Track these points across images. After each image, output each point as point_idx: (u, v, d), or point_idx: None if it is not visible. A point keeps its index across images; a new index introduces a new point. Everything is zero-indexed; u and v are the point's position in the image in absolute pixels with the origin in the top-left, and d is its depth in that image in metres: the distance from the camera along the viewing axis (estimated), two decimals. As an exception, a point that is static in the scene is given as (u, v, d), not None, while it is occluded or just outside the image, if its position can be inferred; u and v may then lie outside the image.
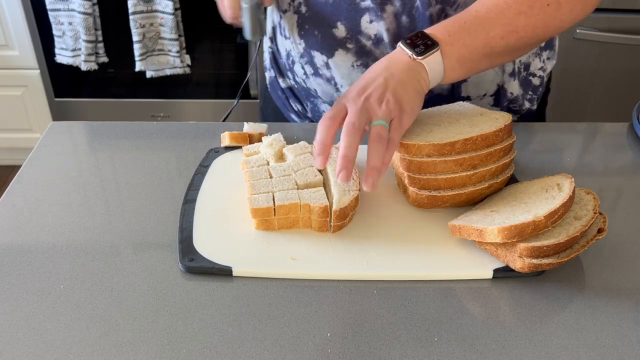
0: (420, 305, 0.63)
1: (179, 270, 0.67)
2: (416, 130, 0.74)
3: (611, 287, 0.66)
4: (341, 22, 0.86)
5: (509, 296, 0.65)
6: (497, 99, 0.95)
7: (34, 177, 0.82)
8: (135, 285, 0.65)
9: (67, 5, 2.00)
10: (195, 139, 0.90)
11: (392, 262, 0.67)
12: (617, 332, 0.61)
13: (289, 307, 0.63)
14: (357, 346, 0.59)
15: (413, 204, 0.74)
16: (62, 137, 0.91)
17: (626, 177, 0.85)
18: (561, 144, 0.91)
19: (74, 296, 0.64)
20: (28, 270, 0.67)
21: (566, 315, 0.63)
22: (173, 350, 0.58)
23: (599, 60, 1.98)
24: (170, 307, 0.63)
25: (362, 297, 0.64)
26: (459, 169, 0.71)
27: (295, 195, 0.71)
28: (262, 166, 0.77)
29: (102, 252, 0.69)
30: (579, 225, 0.65)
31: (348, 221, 0.72)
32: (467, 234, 0.67)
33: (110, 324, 0.61)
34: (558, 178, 0.71)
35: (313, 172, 0.74)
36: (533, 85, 0.96)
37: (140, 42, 2.03)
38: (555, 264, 0.63)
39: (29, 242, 0.71)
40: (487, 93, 0.94)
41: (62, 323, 0.61)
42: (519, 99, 0.95)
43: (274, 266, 0.67)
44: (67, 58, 2.11)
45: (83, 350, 0.58)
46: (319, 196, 0.71)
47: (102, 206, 0.77)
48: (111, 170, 0.84)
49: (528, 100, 0.97)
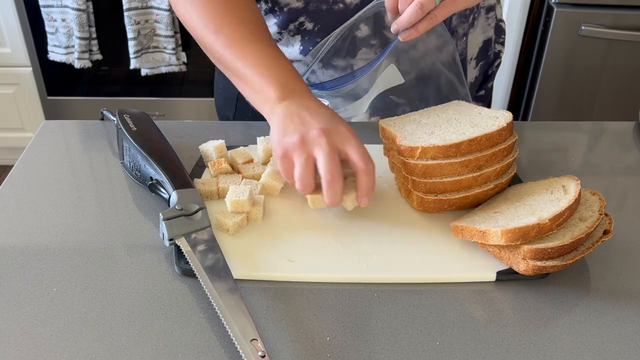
0: (421, 308, 0.62)
1: (175, 272, 0.66)
2: (417, 132, 0.73)
3: (617, 290, 0.65)
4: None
5: (512, 299, 0.64)
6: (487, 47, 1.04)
7: (26, 178, 0.80)
8: (130, 288, 0.64)
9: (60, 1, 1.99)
10: (191, 139, 0.89)
11: (392, 264, 0.66)
12: (623, 336, 0.60)
13: (287, 311, 0.62)
14: (357, 350, 0.58)
15: (418, 209, 0.73)
16: (55, 137, 0.90)
17: (633, 178, 0.84)
18: (566, 143, 0.90)
19: (67, 299, 0.62)
20: (20, 272, 0.66)
21: (571, 318, 0.62)
22: (168, 354, 0.57)
23: (605, 58, 1.98)
24: (165, 310, 0.62)
25: (362, 300, 0.63)
26: (465, 171, 0.70)
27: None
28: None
29: (96, 254, 0.68)
30: (584, 227, 0.64)
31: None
32: (469, 235, 0.66)
33: (105, 328, 0.59)
34: (564, 179, 0.70)
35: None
36: (503, 30, 1.07)
37: (135, 39, 2.02)
38: (559, 266, 0.62)
39: (21, 243, 0.70)
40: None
41: (55, 327, 0.60)
42: (492, 44, 1.05)
43: (272, 269, 0.66)
44: (60, 55, 2.09)
45: (76, 354, 0.57)
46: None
47: (96, 207, 0.76)
48: (105, 170, 0.83)
49: (500, 44, 1.07)
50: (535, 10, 2.05)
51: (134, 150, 0.76)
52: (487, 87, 1.10)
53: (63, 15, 2.01)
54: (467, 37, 0.98)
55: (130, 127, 0.79)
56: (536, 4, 2.04)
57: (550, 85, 2.05)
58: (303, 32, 0.92)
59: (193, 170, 0.80)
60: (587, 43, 1.94)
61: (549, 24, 1.96)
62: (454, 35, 0.96)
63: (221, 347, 0.58)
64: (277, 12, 0.91)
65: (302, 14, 0.90)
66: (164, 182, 0.72)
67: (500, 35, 1.06)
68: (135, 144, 0.76)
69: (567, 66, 2.02)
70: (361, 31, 0.90)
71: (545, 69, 2.02)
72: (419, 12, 0.72)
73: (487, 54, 1.05)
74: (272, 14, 0.93)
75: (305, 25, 0.91)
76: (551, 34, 1.95)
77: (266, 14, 0.93)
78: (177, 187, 0.71)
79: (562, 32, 1.95)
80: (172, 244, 0.67)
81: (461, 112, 0.77)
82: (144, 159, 0.75)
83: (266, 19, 0.94)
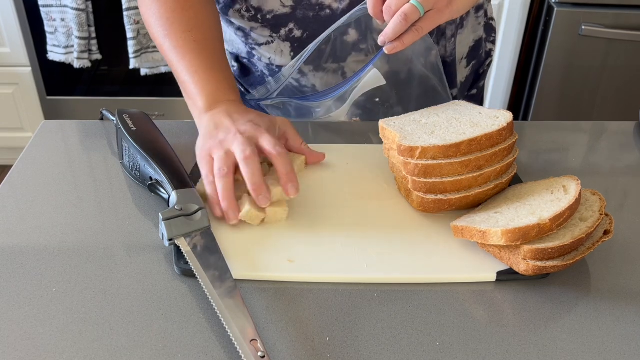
0: (421, 308, 0.62)
1: (175, 273, 0.66)
2: (417, 132, 0.73)
3: (618, 290, 0.65)
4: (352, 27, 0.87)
5: (512, 299, 0.64)
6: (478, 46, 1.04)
7: (25, 178, 0.80)
8: (130, 288, 0.64)
9: (60, 1, 1.98)
10: (191, 139, 0.88)
11: (392, 265, 0.66)
12: (624, 336, 0.60)
13: (287, 311, 0.62)
14: (357, 351, 0.58)
15: (418, 209, 0.73)
16: (54, 136, 0.90)
17: (633, 178, 0.84)
18: (566, 143, 0.90)
19: (67, 299, 0.62)
20: (19, 272, 0.65)
21: (571, 319, 0.62)
22: (168, 354, 0.57)
23: (605, 58, 1.98)
24: (165, 310, 0.61)
25: (362, 300, 0.63)
26: (465, 171, 0.70)
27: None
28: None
29: (96, 254, 0.68)
30: (584, 227, 0.64)
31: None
32: (469, 235, 0.66)
33: (104, 328, 0.59)
34: (564, 179, 0.70)
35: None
36: (493, 28, 1.07)
37: (135, 39, 2.01)
38: (560, 266, 0.62)
39: (20, 243, 0.69)
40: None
41: (55, 327, 0.59)
42: (483, 43, 1.06)
43: (272, 269, 0.66)
44: (59, 55, 2.09)
45: (76, 354, 0.57)
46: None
47: (96, 207, 0.76)
48: (104, 171, 0.82)
49: (491, 42, 1.07)
50: (536, 10, 2.05)
51: (134, 150, 0.76)
52: (479, 87, 1.10)
53: (62, 15, 2.00)
54: (455, 38, 0.98)
55: (129, 127, 0.79)
56: (536, 3, 2.04)
57: (551, 85, 2.05)
58: (292, 39, 0.92)
59: (192, 170, 0.80)
60: (587, 43, 1.94)
61: (549, 24, 1.96)
62: (443, 36, 0.96)
63: (221, 347, 0.58)
64: (260, 20, 0.91)
65: (291, 20, 0.90)
66: (163, 182, 0.72)
67: (491, 34, 1.06)
68: (135, 144, 0.76)
69: (567, 66, 2.01)
70: (350, 36, 0.90)
71: (546, 69, 2.02)
72: (403, 23, 0.72)
73: (479, 53, 1.05)
74: (255, 22, 0.93)
75: (294, 33, 0.91)
76: (551, 33, 1.95)
77: (250, 20, 0.93)
78: (176, 187, 0.71)
79: (562, 32, 1.95)
80: (171, 244, 0.67)
81: (461, 112, 0.77)
82: (144, 159, 0.75)
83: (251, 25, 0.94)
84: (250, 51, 0.98)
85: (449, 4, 0.73)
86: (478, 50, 1.04)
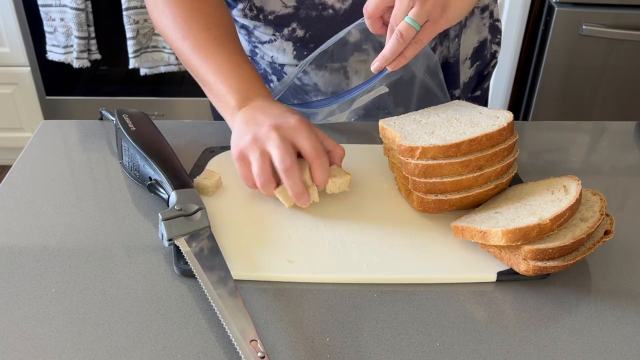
0: (421, 309, 0.62)
1: (174, 273, 0.66)
2: (417, 132, 0.73)
3: (618, 290, 0.65)
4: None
5: (513, 300, 0.63)
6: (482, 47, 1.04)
7: (24, 178, 0.80)
8: (129, 288, 0.64)
9: (59, 0, 1.98)
10: (190, 139, 0.89)
11: (392, 265, 0.66)
12: (625, 336, 0.60)
13: (287, 311, 0.62)
14: (357, 351, 0.57)
15: (418, 209, 0.73)
16: (54, 136, 0.89)
17: (634, 178, 0.84)
18: (567, 143, 0.90)
19: (66, 300, 0.62)
20: (19, 273, 0.65)
21: (572, 319, 0.61)
22: (168, 355, 0.57)
23: (606, 57, 1.98)
24: (164, 311, 0.61)
25: (362, 300, 0.63)
26: (465, 171, 0.70)
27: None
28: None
29: (95, 255, 0.68)
30: (585, 227, 0.64)
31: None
32: (470, 235, 0.66)
33: (104, 328, 0.59)
34: (564, 179, 0.69)
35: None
36: (499, 30, 1.07)
37: (134, 39, 2.01)
38: (560, 266, 0.62)
39: (20, 244, 0.69)
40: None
41: (54, 327, 0.59)
42: (487, 44, 1.05)
43: (271, 269, 0.65)
44: (58, 55, 2.09)
45: (75, 355, 0.56)
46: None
47: (95, 207, 0.75)
48: (104, 171, 0.82)
49: (496, 44, 1.07)
50: (536, 10, 2.05)
51: (133, 150, 0.76)
52: (483, 88, 1.10)
53: (62, 14, 2.00)
54: (459, 39, 0.98)
55: (129, 127, 0.79)
56: (537, 3, 2.04)
57: (551, 85, 2.05)
58: (294, 39, 0.92)
59: (192, 170, 0.80)
60: (587, 42, 1.94)
61: (549, 24, 1.96)
62: (446, 37, 0.96)
63: (220, 347, 0.57)
64: (262, 20, 0.91)
65: (294, 20, 0.90)
66: (163, 182, 0.72)
67: (496, 35, 1.06)
68: (134, 144, 0.76)
69: (567, 66, 2.01)
70: (352, 35, 0.90)
71: (546, 69, 2.02)
72: (400, 42, 0.72)
73: (483, 54, 1.05)
74: (257, 20, 0.92)
75: (297, 32, 0.91)
76: (552, 33, 1.95)
77: (252, 19, 0.93)
78: (176, 187, 0.70)
79: (562, 32, 1.95)
80: (171, 244, 0.67)
81: (461, 112, 0.77)
82: (143, 159, 0.75)
83: (254, 23, 0.94)
84: (253, 49, 0.98)
85: (443, 12, 0.72)
86: (482, 51, 1.04)
